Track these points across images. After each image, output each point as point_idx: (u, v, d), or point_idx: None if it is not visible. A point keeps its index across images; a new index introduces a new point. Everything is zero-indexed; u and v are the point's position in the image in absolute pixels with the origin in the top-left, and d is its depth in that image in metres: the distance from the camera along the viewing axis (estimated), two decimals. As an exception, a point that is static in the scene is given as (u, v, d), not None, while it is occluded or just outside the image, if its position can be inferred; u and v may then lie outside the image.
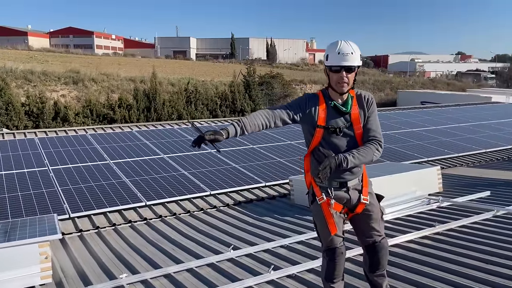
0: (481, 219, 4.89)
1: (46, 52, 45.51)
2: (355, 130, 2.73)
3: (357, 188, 2.80)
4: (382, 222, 2.89)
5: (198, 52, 68.40)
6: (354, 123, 2.72)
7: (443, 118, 12.79)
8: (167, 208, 6.15)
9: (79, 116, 22.19)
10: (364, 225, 2.83)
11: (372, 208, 2.81)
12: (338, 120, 2.71)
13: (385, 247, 2.84)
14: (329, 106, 2.71)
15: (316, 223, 2.85)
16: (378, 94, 39.74)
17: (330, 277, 2.81)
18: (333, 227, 2.71)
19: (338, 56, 2.60)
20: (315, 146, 2.77)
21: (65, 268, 4.23)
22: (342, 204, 2.77)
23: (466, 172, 7.84)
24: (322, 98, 2.75)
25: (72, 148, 8.28)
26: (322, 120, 2.70)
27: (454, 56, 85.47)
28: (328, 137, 2.72)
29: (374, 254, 2.83)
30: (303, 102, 2.74)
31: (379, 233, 2.82)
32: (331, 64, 2.63)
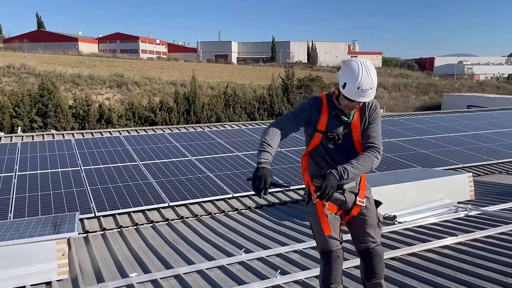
0: (509, 230, 4.62)
1: (95, 57, 47.63)
2: (354, 137, 2.72)
3: (354, 191, 2.76)
4: (379, 229, 2.83)
5: (239, 56, 69.14)
6: (353, 130, 2.72)
7: (485, 123, 12.18)
8: (189, 209, 6.25)
9: (122, 119, 23.06)
10: (359, 230, 2.78)
11: (368, 212, 2.77)
12: (338, 128, 2.71)
13: (379, 255, 2.78)
14: (331, 114, 2.70)
15: (312, 224, 2.84)
16: (421, 97, 38.50)
17: (326, 281, 2.78)
18: (326, 227, 2.69)
19: (357, 92, 2.50)
20: (313, 148, 2.77)
21: (83, 264, 4.40)
22: (337, 205, 2.74)
23: (503, 179, 7.43)
24: (326, 104, 2.72)
25: (105, 149, 8.60)
26: (323, 125, 2.70)
27: (506, 58, 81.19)
28: (326, 142, 2.72)
29: (367, 261, 2.79)
30: (308, 111, 2.70)
31: (373, 239, 2.77)
32: (348, 97, 2.54)
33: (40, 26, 67.56)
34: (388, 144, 9.52)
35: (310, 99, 2.77)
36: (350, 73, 2.51)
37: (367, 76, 2.48)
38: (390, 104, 35.70)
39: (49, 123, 21.28)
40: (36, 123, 21.09)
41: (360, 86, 2.47)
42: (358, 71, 2.48)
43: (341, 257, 2.77)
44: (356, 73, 2.48)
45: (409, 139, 10.13)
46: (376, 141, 2.69)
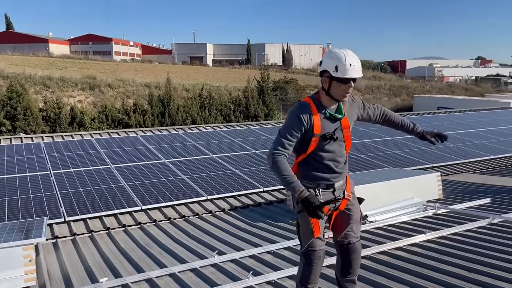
0: (475, 227, 4.77)
1: (66, 58, 46.56)
2: (344, 134, 2.83)
3: (342, 188, 2.87)
4: (360, 225, 2.93)
5: (214, 58, 68.93)
6: (343, 127, 2.82)
7: (453, 124, 12.55)
8: (163, 212, 6.19)
9: (94, 121, 22.61)
10: (343, 225, 2.85)
11: (353, 208, 2.88)
12: (332, 126, 2.78)
13: (358, 250, 2.87)
14: (324, 114, 2.76)
15: (300, 224, 2.84)
16: (394, 99, 39.30)
17: (305, 281, 2.81)
18: (317, 228, 2.73)
19: (350, 68, 2.62)
20: (310, 152, 2.79)
21: (52, 270, 4.30)
22: (328, 206, 2.79)
23: (470, 178, 7.67)
24: (315, 107, 2.76)
25: (76, 153, 8.42)
26: (318, 128, 2.73)
27: (474, 61, 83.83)
28: (322, 144, 2.77)
29: (347, 256, 2.86)
30: (300, 125, 2.71)
31: (355, 234, 2.85)
32: (343, 76, 2.63)
33: (9, 27, 65.62)
34: (361, 145, 9.69)
35: (296, 111, 2.75)
36: (337, 56, 2.65)
37: (352, 55, 2.66)
38: (363, 106, 36.27)
39: (18, 126, 20.65)
40: (4, 126, 20.45)
41: (351, 62, 2.62)
42: (343, 52, 2.66)
43: (323, 257, 2.80)
44: (342, 54, 2.64)
45: (381, 140, 10.33)
46: (377, 106, 3.08)
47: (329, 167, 2.78)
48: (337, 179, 2.82)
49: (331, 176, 2.80)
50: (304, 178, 2.80)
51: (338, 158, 2.82)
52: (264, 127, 11.91)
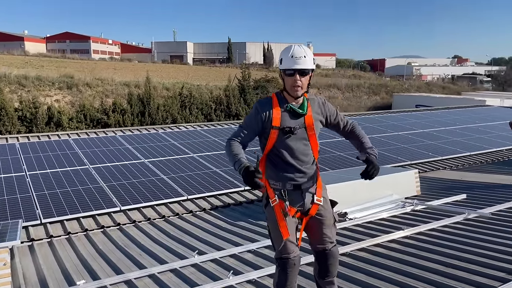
0: (451, 222, 4.87)
1: (42, 57, 45.53)
2: (308, 132, 2.76)
3: (311, 191, 2.79)
4: (335, 229, 2.87)
5: (195, 56, 68.49)
6: (307, 126, 2.75)
7: (431, 121, 12.78)
8: (142, 213, 6.12)
9: (72, 121, 22.18)
10: (316, 231, 2.80)
11: (325, 213, 2.80)
12: (293, 121, 2.73)
13: (335, 256, 2.83)
14: (285, 108, 2.72)
15: (270, 228, 2.79)
16: (373, 97, 39.79)
17: (282, 286, 2.76)
18: (285, 230, 2.66)
19: (291, 60, 2.63)
20: (270, 149, 2.75)
21: (28, 274, 4.20)
22: (296, 207, 2.74)
23: (447, 175, 7.82)
24: (276, 101, 2.75)
25: (52, 153, 8.25)
26: (277, 121, 2.70)
27: (451, 60, 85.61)
28: (283, 139, 2.72)
29: (323, 262, 2.82)
30: (257, 117, 2.72)
31: (330, 239, 2.80)
32: (285, 68, 2.65)
33: (-18, 25, 63.75)
34: (341, 143, 9.77)
35: (257, 103, 2.79)
36: (285, 49, 2.71)
37: (298, 48, 2.67)
38: (343, 104, 36.64)
39: (-7, 126, 20.12)
40: (-22, 127, 19.89)
41: (293, 54, 2.63)
42: (291, 46, 2.70)
43: (298, 264, 2.75)
44: (289, 48, 2.69)
45: (361, 138, 10.43)
46: (349, 120, 3.00)
47: (292, 165, 2.72)
48: (303, 179, 2.74)
49: (295, 175, 2.72)
50: (271, 179, 2.75)
51: (302, 157, 2.74)
52: (245, 126, 11.87)
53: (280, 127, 2.70)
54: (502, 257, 3.73)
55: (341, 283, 3.49)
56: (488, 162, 9.07)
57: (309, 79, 2.71)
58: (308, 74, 2.68)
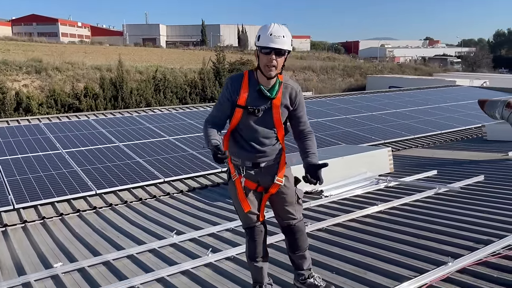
0: (423, 197, 5.03)
1: (8, 40, 43.77)
2: (274, 114, 2.70)
3: (272, 169, 2.76)
4: (299, 206, 2.89)
5: (168, 39, 67.28)
6: (274, 107, 2.69)
7: (403, 102, 13.04)
8: (118, 196, 6.07)
9: (42, 106, 21.54)
10: (279, 208, 2.84)
11: (286, 191, 2.80)
12: (259, 103, 2.67)
13: (300, 230, 2.86)
14: (254, 88, 2.67)
15: (233, 201, 2.86)
16: (348, 79, 40.17)
17: (252, 255, 2.84)
18: (245, 203, 2.72)
19: (269, 38, 2.55)
20: (234, 126, 2.74)
21: (2, 259, 4.14)
22: (255, 182, 2.75)
23: (419, 153, 8.04)
24: (247, 79, 2.70)
25: (23, 138, 8.03)
26: (243, 100, 2.67)
27: (423, 42, 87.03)
28: (246, 118, 2.69)
29: (290, 236, 2.87)
30: (227, 93, 2.71)
31: (294, 216, 2.84)
32: (262, 45, 2.57)
33: None
34: (317, 124, 9.87)
35: (229, 78, 2.77)
36: (263, 27, 2.64)
37: (278, 27, 2.59)
38: (318, 86, 36.86)
39: (-42, 113, 19.37)
40: None
41: (272, 32, 2.55)
42: (271, 24, 2.62)
43: (264, 232, 2.82)
44: (268, 26, 2.61)
45: (336, 118, 10.58)
46: (309, 126, 2.87)
47: (252, 145, 2.70)
48: (262, 159, 2.71)
49: (254, 155, 2.71)
50: (232, 155, 2.78)
51: (263, 139, 2.71)
52: (220, 108, 11.82)
53: (244, 106, 2.67)
54: (470, 227, 3.90)
55: (318, 257, 3.58)
56: (457, 140, 9.36)
57: (284, 60, 2.63)
58: (284, 55, 2.60)
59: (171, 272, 3.53)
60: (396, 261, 3.36)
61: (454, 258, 3.19)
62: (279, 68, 2.63)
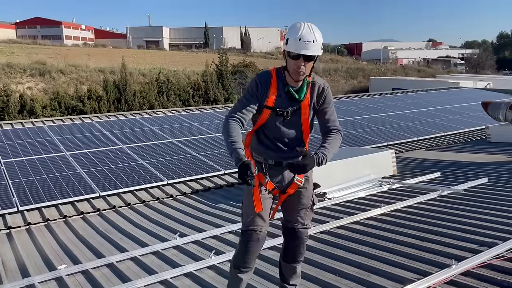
0: (426, 199, 5.02)
1: (12, 43, 44.03)
2: (302, 115, 2.64)
3: None
4: (311, 213, 2.78)
5: (171, 41, 67.41)
6: (302, 108, 2.63)
7: (407, 104, 13.01)
8: (122, 198, 6.08)
9: (46, 109, 21.61)
10: (291, 209, 2.72)
11: (305, 192, 2.71)
12: (288, 105, 2.61)
13: (303, 237, 2.74)
14: (282, 89, 2.60)
15: (244, 200, 2.70)
16: (351, 81, 40.13)
17: (238, 262, 2.67)
18: (259, 203, 2.55)
19: (298, 43, 2.43)
20: (260, 125, 2.66)
21: (7, 261, 4.15)
22: (274, 183, 2.65)
23: (422, 155, 8.02)
24: (275, 79, 2.61)
25: (27, 141, 8.06)
26: (272, 101, 2.58)
27: (426, 43, 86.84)
28: (274, 119, 2.61)
29: (290, 241, 2.73)
30: (255, 91, 2.60)
31: (302, 220, 2.72)
32: (290, 50, 2.46)
33: None
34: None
35: (258, 76, 2.67)
36: (293, 29, 2.49)
37: (309, 30, 2.45)
38: (321, 88, 36.80)
39: (-38, 115, 19.47)
40: None
41: (302, 37, 2.42)
42: (300, 26, 2.48)
43: (261, 241, 2.65)
44: (298, 27, 2.47)
45: (339, 120, 10.49)
46: (337, 123, 2.75)
47: (276, 145, 2.64)
48: (286, 159, 2.62)
49: (277, 155, 2.65)
50: (254, 151, 2.70)
51: (289, 141, 2.65)
52: (224, 110, 11.85)
53: (273, 107, 2.58)
54: (474, 230, 3.89)
55: (321, 259, 3.59)
56: (461, 141, 9.34)
57: (313, 63, 2.53)
58: (313, 60, 2.50)
59: (174, 274, 3.53)
60: (399, 263, 3.36)
61: (458, 261, 3.18)
62: (308, 72, 2.55)
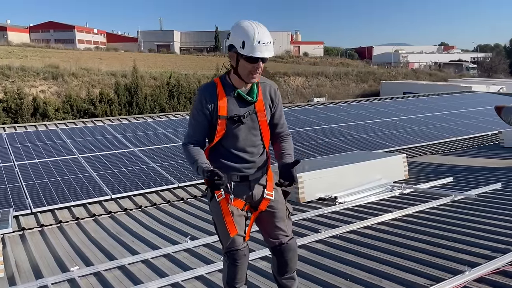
0: (438, 204, 4.97)
1: (26, 47, 44.71)
2: (259, 117, 2.51)
3: (261, 183, 2.55)
4: (290, 221, 2.63)
5: (182, 45, 67.87)
6: (258, 112, 2.50)
7: (418, 108, 12.92)
8: (133, 201, 6.13)
9: (59, 112, 21.93)
10: (268, 225, 2.58)
11: (277, 205, 2.57)
12: (241, 109, 2.47)
13: (293, 249, 2.60)
14: (232, 95, 2.46)
15: (215, 222, 2.56)
16: (361, 85, 39.99)
17: (231, 282, 2.57)
18: (232, 226, 2.44)
19: (257, 46, 2.30)
20: (219, 139, 2.49)
21: (20, 262, 4.20)
22: (243, 200, 2.51)
23: (434, 159, 7.95)
24: (221, 87, 2.47)
25: (40, 143, 8.18)
26: (224, 110, 2.43)
27: (437, 47, 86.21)
28: (231, 128, 2.46)
29: (280, 256, 2.59)
30: (203, 108, 2.45)
31: (285, 233, 2.58)
32: (250, 54, 2.31)
33: (-37, 14, 62.27)
34: (330, 130, 9.85)
35: (200, 90, 2.50)
36: (245, 31, 2.32)
37: (263, 32, 2.34)
38: (332, 92, 36.77)
39: (-23, 118, 19.81)
40: (-38, 118, 19.57)
41: (260, 39, 2.30)
42: (253, 26, 2.34)
43: (247, 255, 2.57)
44: (252, 29, 2.32)
45: (350, 124, 10.53)
46: (287, 128, 2.68)
47: (239, 156, 2.48)
48: (251, 170, 2.50)
49: (242, 166, 2.48)
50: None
51: (250, 148, 2.50)
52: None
53: (227, 116, 2.43)
54: (487, 236, 3.84)
55: (332, 264, 3.57)
56: (474, 146, 9.24)
57: None
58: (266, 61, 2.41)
59: (185, 277, 3.54)
60: (411, 269, 3.32)
61: (471, 267, 3.14)
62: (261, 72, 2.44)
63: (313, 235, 4.23)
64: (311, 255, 3.83)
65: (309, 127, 10.05)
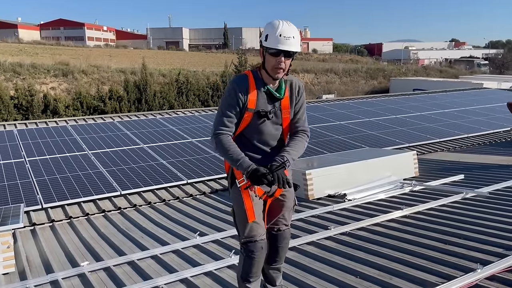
0: (449, 202, 4.92)
1: (36, 44, 45.09)
2: (282, 115, 2.61)
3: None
4: (292, 213, 2.75)
5: (191, 42, 68.01)
6: (283, 110, 2.60)
7: (429, 105, 12.80)
8: (142, 197, 6.15)
9: (69, 109, 22.11)
10: (275, 212, 2.67)
11: (288, 195, 2.68)
12: (269, 105, 2.57)
13: (287, 237, 2.71)
14: (261, 90, 2.55)
15: (235, 210, 2.62)
16: (371, 82, 39.70)
17: (246, 275, 2.58)
18: (251, 213, 2.49)
19: (279, 39, 2.41)
20: (242, 130, 2.60)
21: (31, 257, 4.24)
22: (263, 189, 2.58)
23: (445, 156, 7.87)
24: (253, 80, 2.55)
25: (51, 139, 8.24)
26: (253, 103, 2.52)
27: (448, 43, 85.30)
28: (256, 122, 2.56)
29: (274, 243, 2.67)
30: (234, 98, 2.52)
31: (286, 222, 2.69)
32: (271, 46, 2.43)
33: (-25, 12, 62.95)
34: (340, 127, 9.79)
35: (234, 82, 2.57)
36: (271, 26, 2.47)
37: (287, 26, 2.43)
38: (341, 89, 36.57)
39: (-11, 115, 20.03)
40: (-26, 115, 19.80)
41: (282, 33, 2.40)
42: (279, 22, 2.46)
43: (265, 249, 2.57)
44: (277, 24, 2.45)
45: (359, 121, 10.46)
46: (306, 125, 2.71)
47: (261, 148, 2.59)
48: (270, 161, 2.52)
49: (262, 159, 2.57)
50: None
51: (272, 142, 2.62)
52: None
53: (255, 110, 2.53)
54: (499, 233, 3.79)
55: (342, 261, 3.55)
56: (485, 143, 9.13)
57: (291, 61, 2.51)
58: (292, 57, 2.48)
59: (194, 273, 3.55)
60: (422, 266, 3.29)
61: (483, 265, 3.11)
62: (286, 70, 2.51)
63: (322, 232, 4.21)
64: (320, 252, 3.81)
65: (318, 124, 10.01)
